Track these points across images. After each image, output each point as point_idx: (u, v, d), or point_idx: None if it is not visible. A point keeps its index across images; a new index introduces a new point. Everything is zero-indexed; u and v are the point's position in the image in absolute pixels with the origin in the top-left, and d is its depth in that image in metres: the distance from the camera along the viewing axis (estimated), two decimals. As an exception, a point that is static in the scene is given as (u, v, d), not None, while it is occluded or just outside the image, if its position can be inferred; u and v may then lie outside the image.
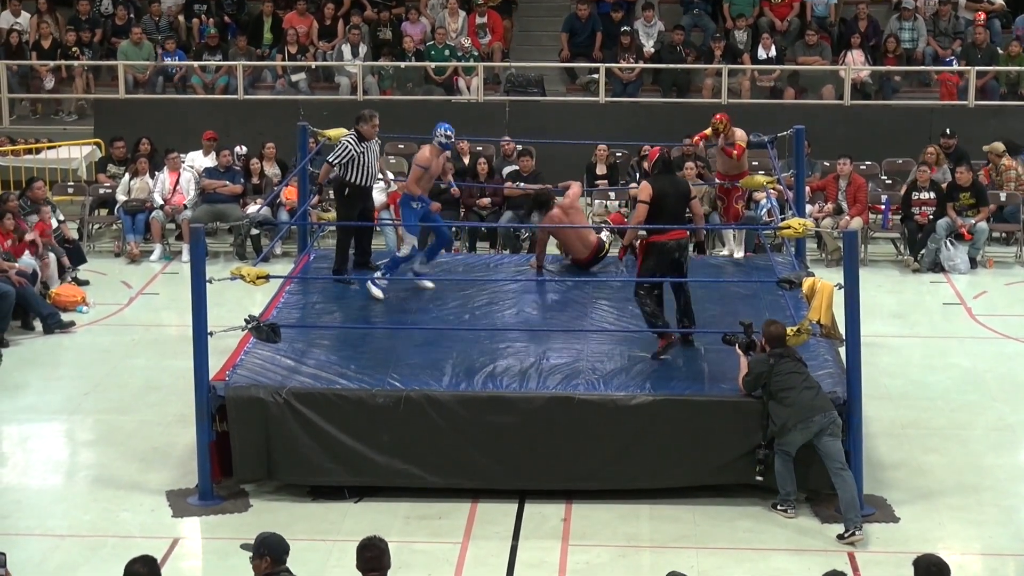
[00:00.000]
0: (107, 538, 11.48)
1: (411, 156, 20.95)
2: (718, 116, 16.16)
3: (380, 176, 15.64)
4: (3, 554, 8.43)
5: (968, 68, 22.68)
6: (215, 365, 12.36)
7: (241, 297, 15.70)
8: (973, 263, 19.26)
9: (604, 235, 15.65)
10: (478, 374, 12.49)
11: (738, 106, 21.15)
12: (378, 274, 14.59)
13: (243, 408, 12.06)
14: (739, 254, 17.01)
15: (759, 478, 11.90)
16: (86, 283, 18.30)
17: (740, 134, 15.96)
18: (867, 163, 21.22)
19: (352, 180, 14.87)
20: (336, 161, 14.84)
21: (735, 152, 15.88)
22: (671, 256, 12.89)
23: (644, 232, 12.89)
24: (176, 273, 18.74)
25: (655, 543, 11.48)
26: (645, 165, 19.34)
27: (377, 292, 14.45)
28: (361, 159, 14.75)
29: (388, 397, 12.07)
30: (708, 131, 16.20)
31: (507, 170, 20.37)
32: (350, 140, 14.80)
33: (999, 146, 20.61)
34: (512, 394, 12.14)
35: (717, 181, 16.79)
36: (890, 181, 21.06)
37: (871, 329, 13.91)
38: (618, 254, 14.17)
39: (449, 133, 14.32)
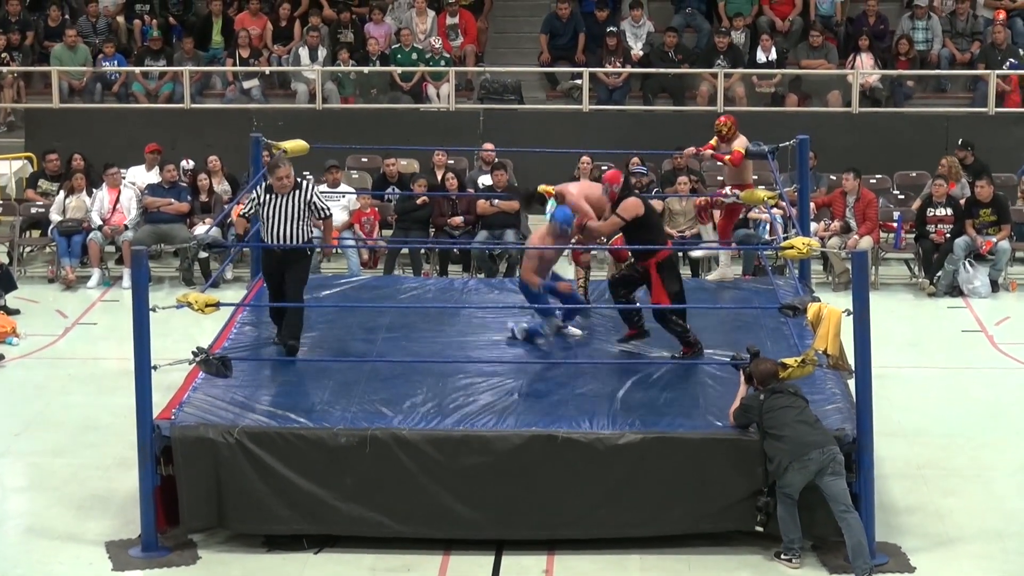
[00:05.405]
0: (40, 595, 11.47)
1: (375, 170, 21.09)
2: (723, 119, 16.24)
3: (312, 234, 13.72)
4: None
5: (988, 72, 22.80)
6: (159, 402, 12.33)
7: (188, 327, 15.68)
8: (994, 286, 19.32)
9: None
10: (451, 411, 12.48)
11: (735, 114, 21.20)
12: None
13: (191, 450, 12.03)
14: (735, 271, 17.00)
15: (759, 528, 11.93)
16: (16, 312, 18.26)
17: (739, 140, 16.01)
18: (877, 176, 21.31)
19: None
20: (245, 212, 13.91)
21: (727, 159, 15.93)
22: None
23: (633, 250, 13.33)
24: (116, 301, 18.72)
25: (646, 596, 11.51)
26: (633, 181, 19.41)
27: (575, 331, 14.33)
28: (263, 212, 13.53)
29: (351, 437, 12.05)
30: (714, 140, 16.20)
31: (483, 180, 20.34)
32: (258, 187, 13.75)
33: None
34: (488, 433, 12.13)
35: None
36: (903, 196, 21.15)
37: (883, 359, 13.93)
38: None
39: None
